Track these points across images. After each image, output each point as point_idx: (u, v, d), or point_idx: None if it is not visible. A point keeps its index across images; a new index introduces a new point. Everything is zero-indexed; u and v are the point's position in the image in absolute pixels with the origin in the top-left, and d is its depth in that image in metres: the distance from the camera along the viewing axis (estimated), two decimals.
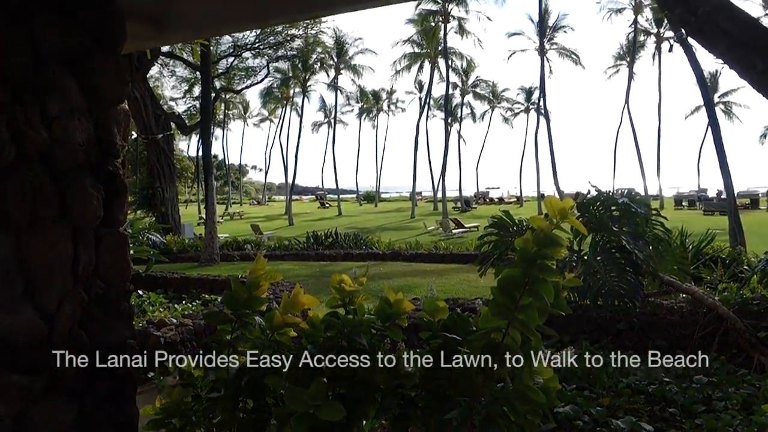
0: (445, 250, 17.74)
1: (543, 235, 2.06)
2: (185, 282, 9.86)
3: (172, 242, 19.37)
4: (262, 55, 30.07)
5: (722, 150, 19.29)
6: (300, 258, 17.53)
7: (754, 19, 6.71)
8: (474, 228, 27.93)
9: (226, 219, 49.24)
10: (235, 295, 2.42)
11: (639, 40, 48.34)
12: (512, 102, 67.30)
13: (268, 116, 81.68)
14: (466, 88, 62.93)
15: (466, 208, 51.36)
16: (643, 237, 5.62)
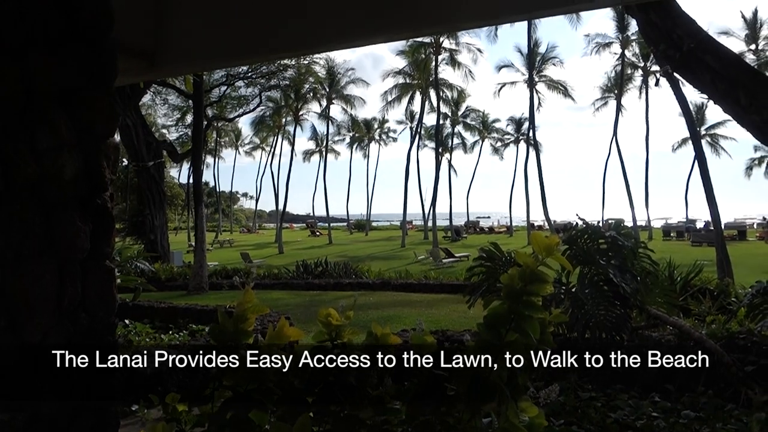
0: (435, 280, 17.70)
1: (529, 272, 2.08)
2: (172, 312, 9.78)
3: (161, 270, 19.23)
4: (254, 84, 30.36)
5: (709, 182, 19.53)
6: (289, 287, 17.41)
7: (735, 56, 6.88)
8: (464, 257, 27.93)
9: (216, 247, 48.92)
10: (221, 328, 2.41)
11: (626, 74, 49.19)
12: (502, 132, 67.98)
13: (259, 144, 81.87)
14: (456, 118, 63.56)
15: (457, 238, 51.42)
16: (630, 270, 5.66)
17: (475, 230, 65.65)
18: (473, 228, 66.83)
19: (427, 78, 49.08)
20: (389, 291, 16.16)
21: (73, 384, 2.14)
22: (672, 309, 6.56)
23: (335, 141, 75.91)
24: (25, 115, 2.07)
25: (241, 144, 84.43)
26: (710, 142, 57.30)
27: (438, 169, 49.10)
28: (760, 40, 44.87)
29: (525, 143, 54.93)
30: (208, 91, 26.29)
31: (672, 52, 6.46)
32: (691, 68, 6.30)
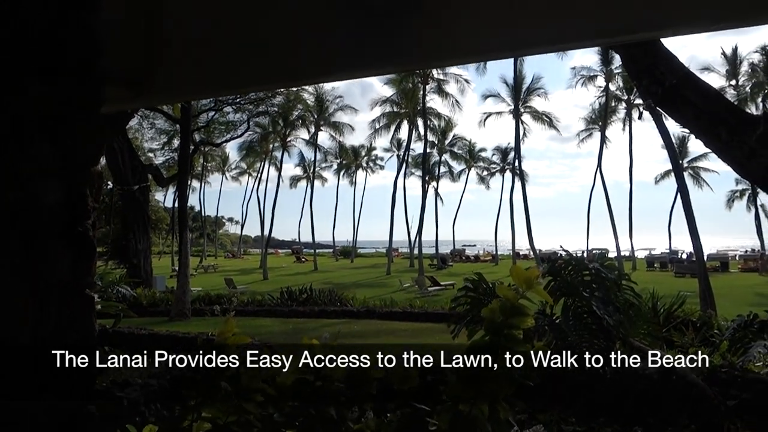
0: (420, 309, 17.60)
1: (509, 305, 2.09)
2: (153, 339, 9.65)
3: (143, 296, 19.00)
4: (243, 110, 30.47)
5: (691, 213, 19.80)
6: (273, 314, 17.25)
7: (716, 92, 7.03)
8: (450, 286, 27.89)
9: (200, 272, 48.45)
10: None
11: (610, 106, 50.05)
12: (488, 162, 68.57)
13: (246, 170, 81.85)
14: (443, 147, 64.07)
15: (443, 266, 51.46)
16: (613, 302, 5.69)
17: (460, 258, 65.74)
18: (459, 256, 66.93)
19: (414, 107, 49.59)
20: (374, 319, 16.06)
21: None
22: (655, 341, 6.58)
23: (322, 167, 76.17)
24: (9, 141, 2.07)
25: (228, 169, 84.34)
26: (692, 174, 58.19)
27: (424, 197, 49.39)
28: (740, 76, 45.93)
29: (511, 172, 55.52)
30: (195, 116, 26.33)
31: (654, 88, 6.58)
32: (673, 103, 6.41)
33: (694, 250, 20.51)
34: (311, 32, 2.52)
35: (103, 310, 8.02)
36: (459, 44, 2.08)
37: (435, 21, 2.15)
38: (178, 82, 2.92)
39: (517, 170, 49.37)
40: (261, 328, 13.94)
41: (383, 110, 51.71)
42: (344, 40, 2.37)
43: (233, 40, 2.76)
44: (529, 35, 2.01)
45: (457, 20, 2.13)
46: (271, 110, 33.89)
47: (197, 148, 34.00)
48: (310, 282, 23.08)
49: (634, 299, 6.34)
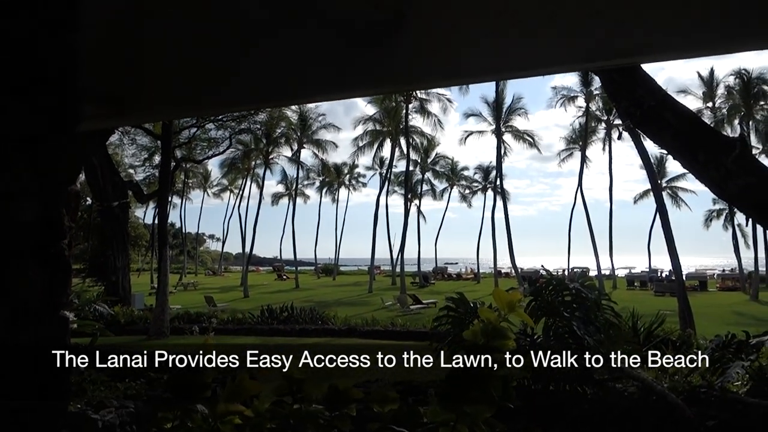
0: (402, 327, 17.59)
1: (491, 328, 2.09)
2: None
3: (121, 314, 18.74)
4: (225, 127, 30.37)
5: (670, 233, 20.06)
6: (254, 332, 17.13)
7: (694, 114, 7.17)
8: (432, 304, 27.87)
9: (180, 289, 47.93)
10: (178, 379, 2.34)
11: (590, 126, 50.73)
12: (470, 180, 69.01)
13: (228, 186, 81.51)
14: (426, 165, 64.38)
15: (425, 284, 51.46)
16: (594, 322, 5.73)
17: (443, 276, 65.80)
18: (441, 274, 67.02)
19: (397, 125, 49.86)
20: (355, 338, 15.98)
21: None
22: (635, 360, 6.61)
23: (305, 185, 76.13)
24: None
25: (210, 185, 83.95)
26: (671, 194, 59.03)
27: (407, 214, 49.51)
28: (716, 99, 46.87)
29: (492, 191, 55.88)
30: (177, 133, 26.21)
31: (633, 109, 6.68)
32: (652, 125, 6.51)
33: (673, 269, 20.75)
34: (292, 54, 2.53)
35: (80, 329, 7.88)
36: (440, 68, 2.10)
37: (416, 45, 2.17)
38: (159, 100, 2.91)
39: (498, 189, 49.78)
40: (241, 347, 13.77)
41: (366, 128, 52.01)
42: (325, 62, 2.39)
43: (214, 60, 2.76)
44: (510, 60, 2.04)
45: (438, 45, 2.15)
46: (253, 127, 33.83)
47: (178, 165, 33.80)
48: (292, 300, 22.92)
49: (614, 319, 6.37)
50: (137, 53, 2.83)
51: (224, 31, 2.68)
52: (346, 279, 66.20)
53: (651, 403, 5.27)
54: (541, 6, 1.83)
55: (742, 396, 5.51)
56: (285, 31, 2.40)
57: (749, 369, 6.02)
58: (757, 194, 4.69)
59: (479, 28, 2.05)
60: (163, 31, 2.81)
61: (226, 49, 2.82)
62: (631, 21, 1.70)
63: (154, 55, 2.91)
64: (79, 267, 24.90)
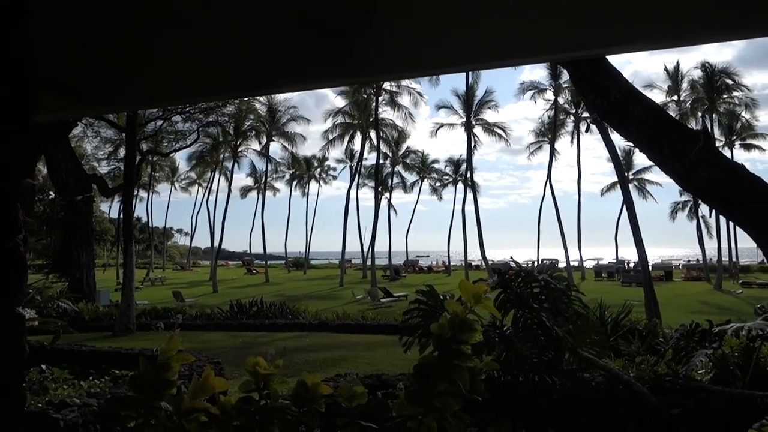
0: (373, 321, 17.67)
1: (458, 320, 2.08)
2: (94, 355, 9.30)
3: (85, 310, 18.40)
4: (192, 120, 29.89)
5: (636, 225, 20.41)
6: (223, 327, 17.03)
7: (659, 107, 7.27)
8: (403, 297, 28.00)
9: (147, 285, 47.41)
10: (142, 378, 2.29)
11: (559, 119, 51.30)
12: (441, 173, 69.30)
13: (196, 180, 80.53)
14: (396, 158, 64.45)
15: (396, 277, 51.61)
16: (562, 313, 5.79)
17: (414, 269, 66.07)
18: (412, 267, 67.28)
19: (367, 118, 49.78)
20: (326, 332, 15.98)
21: None
22: (603, 350, 6.71)
23: (274, 178, 75.60)
24: None
25: (177, 179, 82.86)
26: (637, 186, 60.16)
27: (377, 208, 49.47)
28: (681, 92, 47.79)
29: (463, 184, 56.17)
30: (142, 125, 25.71)
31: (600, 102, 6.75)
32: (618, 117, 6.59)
33: (640, 260, 21.15)
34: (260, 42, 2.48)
35: (42, 327, 7.69)
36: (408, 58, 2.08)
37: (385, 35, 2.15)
38: (121, 91, 2.83)
39: (469, 181, 50.03)
40: (209, 342, 13.66)
41: (336, 121, 51.83)
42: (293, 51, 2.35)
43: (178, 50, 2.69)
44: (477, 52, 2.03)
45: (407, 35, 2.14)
46: (221, 120, 33.39)
47: (144, 158, 33.18)
48: (261, 294, 22.78)
49: (582, 309, 6.45)
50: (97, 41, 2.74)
51: (189, 20, 2.62)
52: (317, 273, 66.02)
53: (618, 392, 5.36)
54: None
55: (706, 384, 5.64)
56: (252, 18, 2.35)
57: (713, 357, 6.17)
58: (720, 186, 4.78)
59: (448, 18, 2.04)
60: (124, 18, 2.74)
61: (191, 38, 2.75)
62: (597, 12, 1.71)
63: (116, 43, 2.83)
64: (42, 263, 24.35)
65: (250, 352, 11.74)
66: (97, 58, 2.84)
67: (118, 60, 2.85)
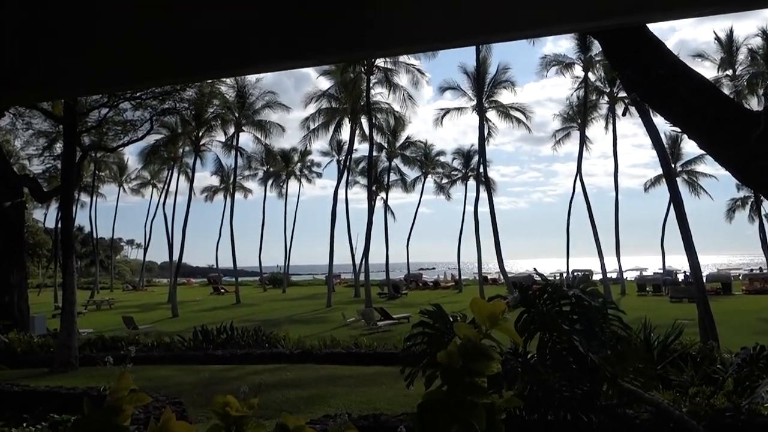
0: (368, 349, 17.66)
1: (471, 347, 2.08)
2: (28, 397, 9.28)
3: (17, 341, 18.40)
4: (144, 107, 29.84)
5: (686, 227, 20.39)
6: (185, 360, 17.02)
7: (711, 84, 7.29)
8: (404, 319, 27.97)
9: (91, 309, 47.30)
10: (87, 423, 2.29)
11: (590, 100, 51.26)
12: (448, 168, 69.33)
13: (150, 180, 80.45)
14: (393, 150, 64.48)
15: (395, 295, 51.61)
16: (598, 336, 5.79)
17: (417, 285, 66.09)
18: (415, 282, 67.29)
19: (357, 102, 49.73)
20: (311, 363, 15.95)
21: None
22: (649, 381, 6.72)
23: (245, 176, 75.54)
24: None
25: (127, 179, 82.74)
26: (687, 180, 60.30)
27: (371, 211, 49.39)
28: (737, 65, 47.80)
29: (475, 180, 56.13)
30: (84, 114, 25.66)
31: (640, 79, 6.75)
32: (662, 97, 6.60)
33: (692, 270, 21.13)
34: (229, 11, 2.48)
35: None
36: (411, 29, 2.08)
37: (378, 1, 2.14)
38: (56, 74, 2.83)
39: (482, 177, 50.01)
40: (168, 379, 13.62)
41: (320, 106, 51.73)
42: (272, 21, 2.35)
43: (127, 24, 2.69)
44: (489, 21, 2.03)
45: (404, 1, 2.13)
46: (180, 107, 33.35)
47: (86, 154, 33.10)
48: (231, 319, 22.74)
49: (623, 331, 6.45)
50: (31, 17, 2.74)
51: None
52: (299, 291, 65.98)
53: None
54: None
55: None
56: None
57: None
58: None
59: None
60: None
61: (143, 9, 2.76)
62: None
63: (48, 16, 2.83)
64: None
65: (219, 389, 11.69)
66: (28, 35, 2.84)
67: (55, 38, 2.85)
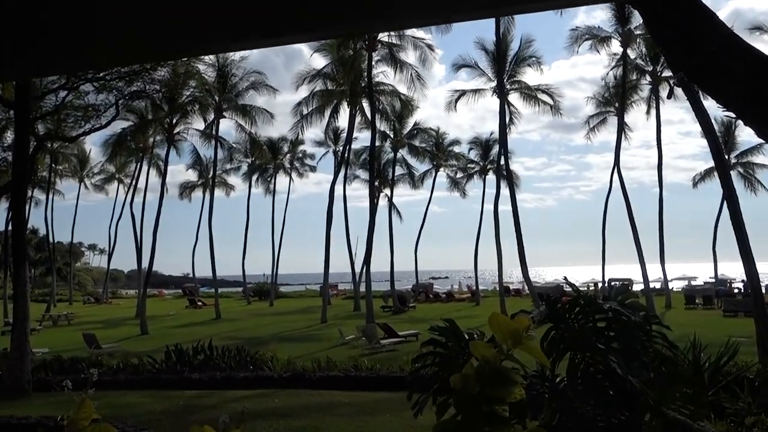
0: (370, 372, 17.69)
1: (490, 369, 2.08)
2: None
3: None
4: (109, 89, 29.88)
5: (742, 229, 20.28)
6: (155, 385, 17.06)
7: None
8: (412, 337, 27.99)
9: (47, 325, 47.49)
10: None
11: (630, 80, 51.05)
12: (464, 160, 69.26)
13: (115, 174, 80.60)
14: (399, 139, 64.40)
15: (401, 308, 51.59)
16: (639, 356, 5.78)
17: (427, 297, 66.09)
18: (424, 294, 67.28)
19: (357, 82, 49.66)
20: (303, 389, 15.96)
21: None
22: (699, 409, 6.71)
23: (227, 170, 75.59)
24: None
25: (89, 174, 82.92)
26: (743, 173, 60.18)
27: (374, 210, 49.41)
28: None
29: (495, 174, 56.05)
30: (39, 98, 25.73)
31: (687, 56, 6.73)
32: (713, 77, 6.57)
33: (748, 279, 21.06)
34: None
35: None
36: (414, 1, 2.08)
37: None
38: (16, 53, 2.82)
39: (503, 171, 49.96)
40: (136, 406, 13.65)
41: (314, 88, 51.67)
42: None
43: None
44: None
45: None
46: (150, 89, 33.39)
47: (41, 144, 33.23)
48: (210, 336, 22.75)
49: (669, 351, 6.44)
50: None
51: None
52: (289, 304, 66.04)
53: None
54: None
55: None
56: None
57: None
58: None
59: None
60: None
61: None
62: None
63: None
64: None
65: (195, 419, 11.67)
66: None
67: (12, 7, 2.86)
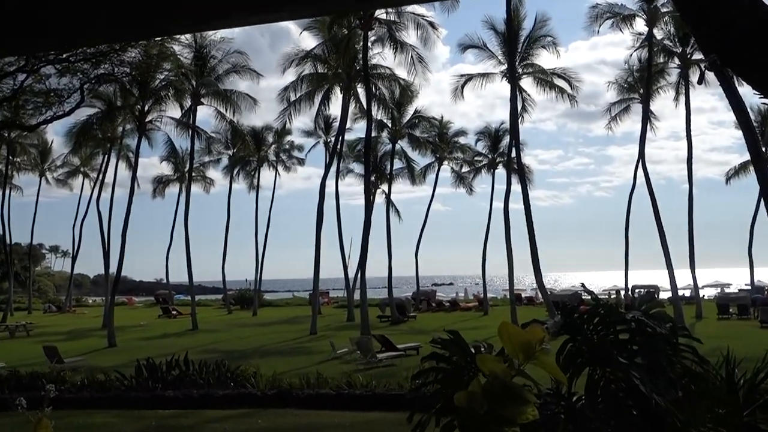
0: (365, 389, 17.71)
1: (499, 386, 2.08)
2: None
3: None
4: (72, 72, 29.84)
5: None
6: (125, 403, 17.13)
7: None
8: (412, 350, 27.97)
9: (3, 336, 47.64)
10: None
11: (656, 64, 50.96)
12: (470, 152, 69.24)
13: (80, 167, 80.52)
14: (399, 128, 64.34)
15: (400, 318, 51.62)
16: (665, 372, 5.78)
17: (429, 305, 66.09)
18: (426, 302, 67.30)
19: (351, 65, 49.62)
20: (290, 408, 15.99)
21: None
22: (733, 431, 6.72)
23: (205, 163, 75.58)
24: None
25: (51, 167, 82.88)
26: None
27: (370, 208, 49.43)
28: None
29: (505, 168, 56.08)
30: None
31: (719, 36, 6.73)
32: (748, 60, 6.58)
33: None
34: None
35: None
36: None
37: None
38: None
39: (514, 164, 49.96)
40: (102, 428, 13.67)
41: (303, 71, 51.60)
42: None
43: None
44: None
45: None
46: (119, 72, 33.39)
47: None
48: (186, 349, 22.79)
49: (699, 366, 6.45)
50: None
51: None
52: (275, 313, 66.07)
53: None
54: None
55: None
56: None
57: None
58: None
59: None
60: None
61: None
62: None
63: None
64: None
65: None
66: None
67: None
